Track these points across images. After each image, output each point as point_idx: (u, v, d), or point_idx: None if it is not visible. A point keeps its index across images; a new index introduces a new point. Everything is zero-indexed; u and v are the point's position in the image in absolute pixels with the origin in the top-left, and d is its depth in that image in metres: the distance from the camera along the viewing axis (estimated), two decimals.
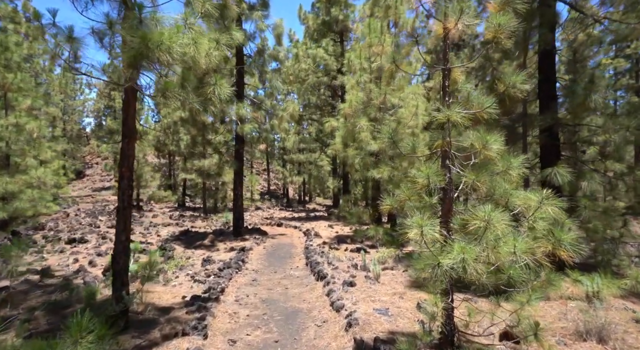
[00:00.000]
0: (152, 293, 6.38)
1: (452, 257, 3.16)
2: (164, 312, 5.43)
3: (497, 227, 2.99)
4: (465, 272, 2.95)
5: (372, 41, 12.24)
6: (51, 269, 9.15)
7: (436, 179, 3.45)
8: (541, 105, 7.76)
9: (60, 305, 5.70)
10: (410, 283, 7.02)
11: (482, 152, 3.38)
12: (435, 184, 3.44)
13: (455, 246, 3.03)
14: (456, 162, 3.82)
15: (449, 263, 3.17)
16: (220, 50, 4.75)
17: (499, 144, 3.38)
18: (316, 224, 16.96)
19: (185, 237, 13.48)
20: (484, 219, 3.06)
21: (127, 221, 4.60)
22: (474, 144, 3.44)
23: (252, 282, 7.64)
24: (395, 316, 5.15)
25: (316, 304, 6.11)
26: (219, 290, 6.54)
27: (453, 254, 3.13)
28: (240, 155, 13.11)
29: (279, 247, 11.88)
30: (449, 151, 3.73)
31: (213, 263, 8.91)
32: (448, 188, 3.75)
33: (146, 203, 26.80)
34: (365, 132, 11.47)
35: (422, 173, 3.45)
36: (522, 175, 3.47)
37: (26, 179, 12.44)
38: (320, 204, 31.74)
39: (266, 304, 6.23)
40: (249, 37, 13.14)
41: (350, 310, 5.36)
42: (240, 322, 5.39)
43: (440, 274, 3.23)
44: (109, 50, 3.93)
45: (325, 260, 8.85)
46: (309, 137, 26.61)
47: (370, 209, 12.97)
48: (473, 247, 3.03)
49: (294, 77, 19.20)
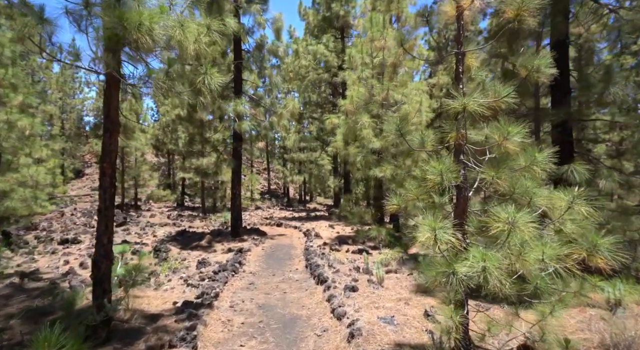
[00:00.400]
0: (141, 298, 6.00)
1: (470, 265, 2.77)
2: (151, 320, 5.04)
3: (524, 231, 2.59)
4: (487, 283, 2.55)
5: (374, 35, 11.83)
6: (40, 271, 8.78)
7: (450, 176, 3.05)
8: (554, 100, 7.35)
9: (41, 311, 5.32)
10: (415, 288, 6.63)
11: (503, 145, 2.98)
12: (449, 182, 3.04)
13: (474, 252, 2.64)
14: (471, 157, 3.43)
15: (466, 271, 2.79)
16: (211, 37, 4.35)
17: (522, 136, 2.98)
18: (317, 224, 16.57)
19: (182, 237, 13.10)
20: (507, 221, 2.66)
21: (110, 222, 4.21)
22: (494, 137, 3.04)
23: (249, 285, 7.25)
24: (401, 325, 4.75)
25: (316, 311, 5.72)
26: (212, 295, 6.16)
27: (471, 260, 2.73)
28: (239, 153, 12.72)
29: (278, 248, 11.50)
30: (464, 145, 3.34)
31: (208, 265, 8.52)
32: (463, 186, 3.35)
33: (145, 202, 26.45)
34: (367, 129, 11.06)
35: (434, 169, 3.05)
36: (548, 172, 3.07)
37: (18, 177, 12.09)
38: (321, 203, 31.36)
39: (263, 311, 5.84)
40: (247, 31, 12.75)
41: (352, 318, 4.96)
42: (234, 331, 5.00)
43: (456, 283, 2.84)
44: (86, 33, 3.54)
45: (326, 263, 8.46)
46: (309, 135, 26.22)
47: (372, 209, 12.58)
48: (495, 254, 2.63)
49: (294, 74, 18.80)
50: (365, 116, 11.15)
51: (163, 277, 7.47)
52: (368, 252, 10.07)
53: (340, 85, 19.01)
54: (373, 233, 11.26)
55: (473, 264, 2.59)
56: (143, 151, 24.02)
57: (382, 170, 10.95)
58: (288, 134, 29.54)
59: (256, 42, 12.73)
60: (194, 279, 7.26)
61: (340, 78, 18.34)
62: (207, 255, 9.94)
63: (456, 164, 3.29)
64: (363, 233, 11.82)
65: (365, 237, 11.57)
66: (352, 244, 11.72)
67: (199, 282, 6.99)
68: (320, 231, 14.14)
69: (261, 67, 12.98)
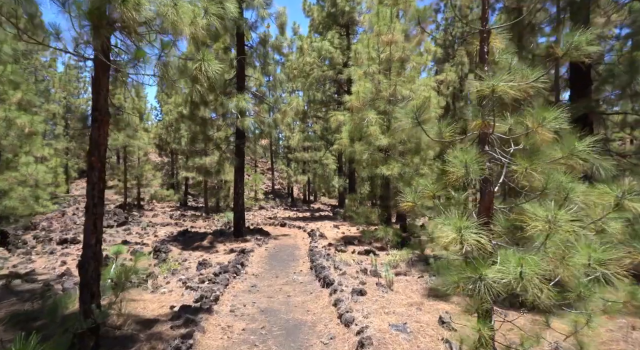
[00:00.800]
0: (136, 302, 5.67)
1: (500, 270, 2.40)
2: (146, 326, 4.70)
3: (568, 231, 2.22)
4: (526, 291, 2.17)
5: (382, 29, 11.45)
6: (35, 271, 8.51)
7: (477, 168, 2.67)
8: (573, 92, 6.93)
9: (30, 316, 5.00)
10: (427, 291, 6.24)
11: (538, 132, 2.60)
12: (475, 175, 2.66)
13: (509, 256, 2.26)
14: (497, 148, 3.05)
15: (495, 277, 2.42)
16: (209, 20, 4.00)
17: (559, 121, 2.60)
18: (321, 224, 16.20)
19: (183, 237, 12.80)
20: (547, 219, 2.29)
21: (98, 221, 3.88)
22: (525, 123, 2.66)
23: (251, 288, 6.91)
24: (415, 333, 4.37)
25: (322, 316, 5.35)
26: (212, 299, 5.82)
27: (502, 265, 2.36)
28: (241, 151, 12.38)
29: (282, 249, 11.14)
30: (490, 134, 2.96)
31: (209, 266, 8.19)
32: (489, 180, 2.97)
33: (148, 202, 26.24)
34: (374, 126, 10.67)
35: (458, 160, 2.67)
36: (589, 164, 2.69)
37: (17, 176, 11.86)
38: (325, 203, 30.99)
39: (265, 315, 5.49)
40: (250, 26, 12.42)
41: (361, 325, 4.60)
42: (234, 338, 4.65)
43: (484, 290, 2.47)
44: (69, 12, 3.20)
45: (332, 264, 8.09)
46: (313, 135, 25.85)
47: (379, 209, 12.18)
48: (533, 257, 2.26)
49: (298, 71, 18.44)
50: (372, 112, 10.76)
51: (161, 279, 7.14)
52: (375, 253, 9.69)
53: (346, 83, 18.63)
54: (380, 233, 10.88)
55: (504, 269, 2.22)
56: (146, 150, 23.79)
57: (389, 169, 10.56)
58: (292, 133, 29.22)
59: (259, 37, 12.41)
60: (193, 281, 6.93)
61: (345, 75, 17.94)
62: (208, 256, 9.62)
63: (481, 154, 2.91)
64: (369, 233, 11.44)
65: (371, 237, 11.20)
66: (358, 244, 11.35)
67: (198, 284, 6.66)
68: (325, 231, 13.78)
69: (265, 63, 12.64)
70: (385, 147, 11.21)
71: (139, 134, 21.63)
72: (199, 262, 8.42)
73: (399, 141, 11.22)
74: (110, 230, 14.25)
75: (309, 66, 18.29)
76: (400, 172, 10.75)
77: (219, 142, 14.22)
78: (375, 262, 7.97)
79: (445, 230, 2.43)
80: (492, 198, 3.03)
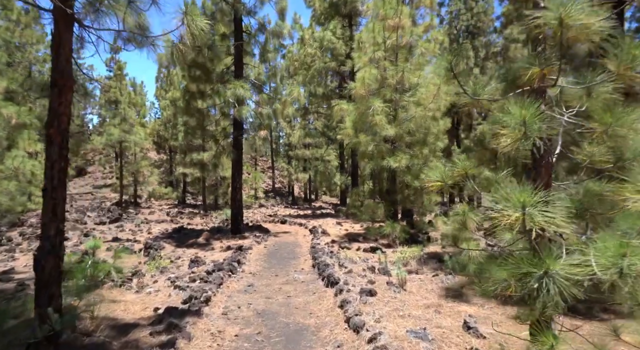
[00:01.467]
0: (116, 303, 5.00)
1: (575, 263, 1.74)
2: (122, 332, 4.03)
3: None
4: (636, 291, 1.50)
5: (388, 13, 10.75)
6: (15, 270, 7.86)
7: (539, 127, 1.99)
8: None
9: None
10: (444, 291, 5.56)
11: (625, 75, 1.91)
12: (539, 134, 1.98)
13: (607, 242, 1.59)
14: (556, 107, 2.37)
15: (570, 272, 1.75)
16: None
17: None
18: (323, 221, 15.52)
19: (178, 235, 12.13)
20: None
21: (58, 207, 3.21)
22: (610, 67, 1.98)
23: (248, 288, 6.24)
24: (438, 342, 3.69)
25: (326, 320, 4.68)
26: (202, 299, 5.14)
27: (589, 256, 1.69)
28: (239, 143, 11.71)
29: (282, 246, 10.47)
30: (550, 86, 2.28)
31: (202, 264, 7.52)
32: (547, 148, 2.30)
33: (145, 200, 25.61)
34: (379, 115, 9.97)
35: (514, 118, 1.99)
36: None
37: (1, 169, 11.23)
38: (326, 202, 30.34)
39: (262, 319, 4.81)
40: (248, 11, 11.75)
41: (373, 330, 3.91)
42: (225, 346, 3.98)
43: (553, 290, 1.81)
44: None
45: (336, 262, 7.42)
46: (315, 131, 25.17)
47: (385, 204, 11.49)
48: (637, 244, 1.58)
49: (299, 63, 17.76)
50: (378, 101, 10.05)
51: (148, 277, 6.48)
52: (382, 251, 8.99)
53: (349, 75, 17.93)
54: (387, 230, 10.20)
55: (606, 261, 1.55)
56: (143, 146, 23.13)
57: (396, 160, 9.88)
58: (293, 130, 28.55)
59: (258, 22, 11.74)
60: (183, 280, 6.25)
61: (348, 67, 17.26)
62: (203, 254, 8.95)
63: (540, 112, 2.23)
64: (374, 230, 10.75)
65: (377, 234, 10.51)
66: (363, 241, 10.67)
67: (188, 284, 5.98)
68: (328, 228, 13.09)
69: (264, 50, 11.96)
70: (391, 138, 10.53)
71: (135, 129, 20.98)
72: (191, 260, 7.75)
73: (407, 131, 10.55)
74: (102, 227, 13.60)
75: (310, 58, 17.60)
76: (409, 164, 10.08)
77: (217, 135, 13.56)
78: (384, 260, 7.30)
79: (506, 208, 1.75)
80: (550, 171, 2.35)
